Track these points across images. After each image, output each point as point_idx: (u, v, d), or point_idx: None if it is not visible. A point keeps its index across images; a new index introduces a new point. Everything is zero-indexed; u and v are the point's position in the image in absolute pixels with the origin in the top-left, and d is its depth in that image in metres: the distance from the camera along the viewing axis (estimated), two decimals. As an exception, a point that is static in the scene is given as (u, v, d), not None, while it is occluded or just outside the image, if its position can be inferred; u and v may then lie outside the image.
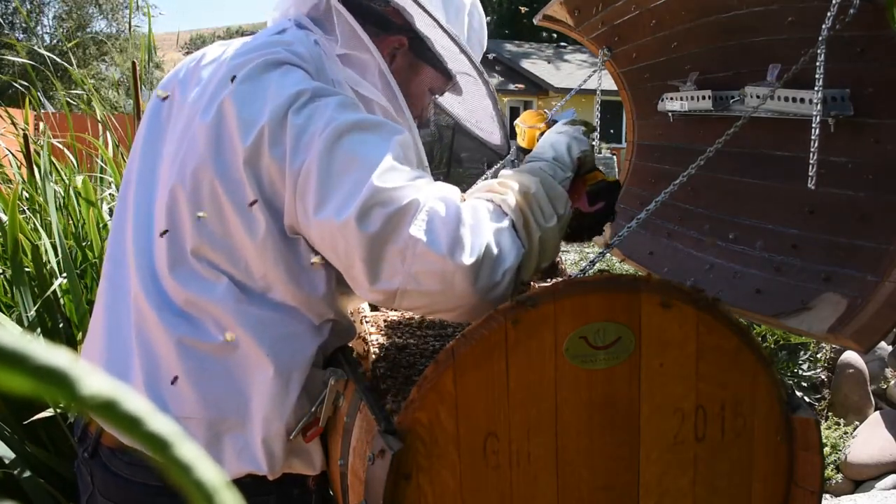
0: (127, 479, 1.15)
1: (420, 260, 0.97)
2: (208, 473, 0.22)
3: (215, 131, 1.07)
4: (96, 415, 0.21)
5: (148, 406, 0.21)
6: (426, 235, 0.96)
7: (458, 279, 0.97)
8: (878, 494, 3.66)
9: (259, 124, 1.04)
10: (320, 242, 1.05)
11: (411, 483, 0.95)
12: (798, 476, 1.08)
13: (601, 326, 0.97)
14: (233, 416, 1.10)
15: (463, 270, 0.96)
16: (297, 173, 1.02)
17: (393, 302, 1.02)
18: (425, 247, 0.96)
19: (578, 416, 0.99)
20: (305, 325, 1.13)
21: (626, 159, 2.18)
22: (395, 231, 0.97)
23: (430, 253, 0.96)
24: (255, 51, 1.14)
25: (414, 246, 0.96)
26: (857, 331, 1.17)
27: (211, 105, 1.10)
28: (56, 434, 2.02)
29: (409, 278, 0.98)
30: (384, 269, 0.99)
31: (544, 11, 1.91)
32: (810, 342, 4.30)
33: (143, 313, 1.12)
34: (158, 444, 0.21)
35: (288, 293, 1.11)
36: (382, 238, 0.97)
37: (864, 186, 1.26)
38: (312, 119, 1.03)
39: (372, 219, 0.97)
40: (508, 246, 1.01)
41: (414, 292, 0.99)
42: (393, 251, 0.98)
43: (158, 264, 1.12)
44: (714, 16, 1.54)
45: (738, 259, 1.56)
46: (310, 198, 1.01)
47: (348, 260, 1.01)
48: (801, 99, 1.32)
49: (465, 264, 0.96)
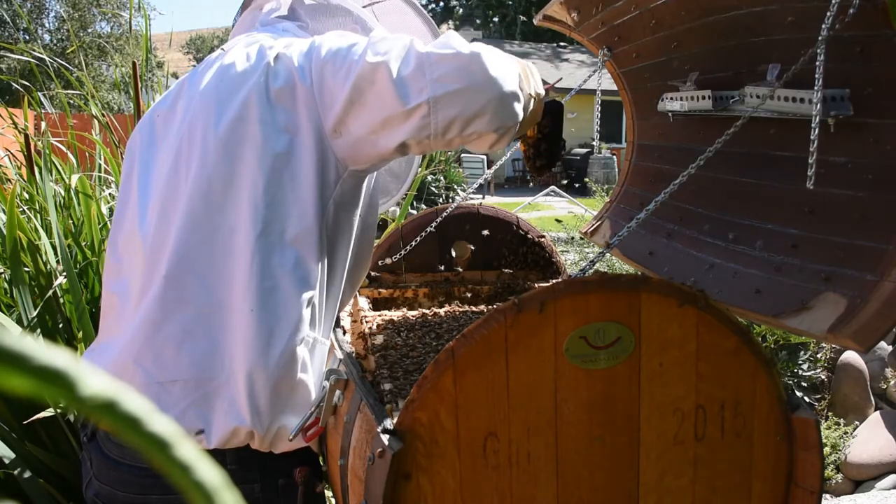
0: (117, 461, 1.17)
1: (437, 66, 1.07)
2: (208, 474, 0.22)
3: (216, 93, 1.18)
4: (96, 415, 0.21)
5: (148, 406, 0.21)
6: (433, 47, 1.08)
7: (475, 66, 1.07)
8: (878, 494, 3.66)
9: (257, 72, 1.16)
10: (354, 115, 1.13)
11: (411, 483, 0.95)
12: (798, 476, 1.08)
13: (601, 326, 0.97)
14: (219, 375, 1.13)
15: (476, 56, 1.07)
16: (310, 84, 1.14)
17: (430, 118, 1.09)
18: (437, 54, 1.07)
19: (578, 416, 0.99)
20: (293, 279, 1.16)
21: (626, 159, 2.18)
22: (405, 54, 1.08)
23: (444, 56, 1.07)
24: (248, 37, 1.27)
25: (427, 58, 1.07)
26: (857, 331, 1.17)
27: (209, 82, 1.21)
28: (56, 434, 2.02)
29: (435, 85, 1.07)
30: (411, 87, 1.07)
31: (544, 11, 1.91)
32: (810, 342, 4.30)
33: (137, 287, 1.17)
34: (158, 445, 0.21)
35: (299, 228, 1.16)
36: (397, 59, 1.08)
37: (864, 186, 1.26)
38: (302, 47, 1.17)
39: (380, 50, 1.09)
40: (494, 52, 1.12)
41: (444, 97, 1.07)
42: (412, 71, 1.07)
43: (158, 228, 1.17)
44: (714, 16, 1.54)
45: (738, 259, 1.56)
46: (330, 85, 1.12)
47: (378, 99, 1.09)
48: (801, 99, 1.32)
49: (474, 51, 1.07)
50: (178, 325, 1.13)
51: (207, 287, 1.13)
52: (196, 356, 1.13)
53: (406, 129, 1.10)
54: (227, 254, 1.13)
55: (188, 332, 1.13)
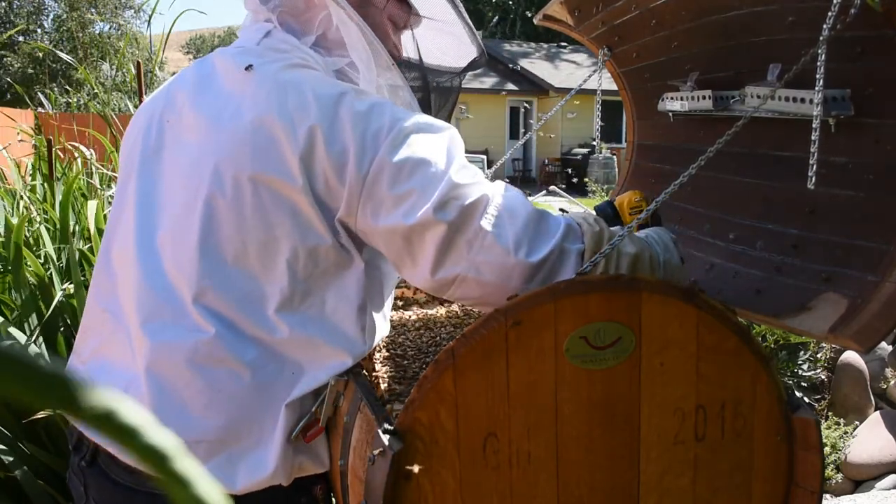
0: (130, 488, 1.11)
1: (486, 251, 1.01)
2: (208, 488, 0.21)
3: (252, 136, 1.05)
4: (93, 425, 0.21)
5: (147, 417, 0.21)
6: (495, 228, 1.01)
7: (515, 274, 1.02)
8: (878, 494, 3.66)
9: (308, 123, 1.03)
10: (387, 237, 1.06)
11: (411, 483, 0.95)
12: (798, 476, 1.08)
13: (601, 326, 0.97)
14: (248, 437, 1.09)
15: (522, 266, 1.01)
16: (365, 173, 1.03)
17: (448, 289, 1.06)
18: (493, 239, 1.01)
19: (578, 416, 0.99)
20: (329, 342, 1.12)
21: (626, 159, 2.18)
22: (467, 222, 1.01)
23: (497, 246, 1.01)
24: (264, 55, 1.13)
25: (483, 237, 1.01)
26: (858, 331, 1.17)
27: (239, 112, 1.08)
28: (56, 434, 2.02)
29: (472, 266, 1.02)
30: (450, 257, 1.03)
31: (544, 11, 1.91)
32: (810, 342, 4.30)
33: (145, 338, 1.09)
34: (156, 457, 0.21)
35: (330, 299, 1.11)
36: (455, 227, 1.01)
37: (864, 186, 1.26)
38: (371, 119, 1.04)
39: (448, 210, 1.01)
40: (569, 266, 1.05)
41: (472, 281, 1.03)
42: (462, 241, 1.02)
43: (181, 277, 1.08)
44: (714, 16, 1.54)
45: (738, 259, 1.56)
46: (381, 198, 1.03)
47: (416, 250, 1.04)
48: (802, 99, 1.32)
49: (526, 261, 1.01)
50: (206, 381, 1.07)
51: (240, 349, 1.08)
52: (224, 417, 1.07)
53: (422, 282, 1.07)
54: (262, 319, 1.08)
55: (217, 389, 1.07)
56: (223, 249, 1.07)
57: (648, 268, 1.12)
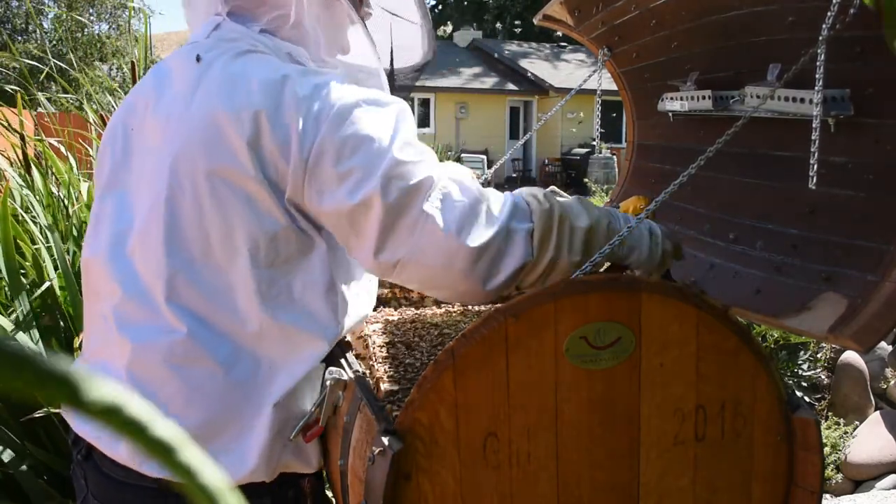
0: (120, 482, 1.13)
1: (428, 235, 1.00)
2: (212, 477, 0.22)
3: (203, 132, 1.06)
4: (99, 420, 0.21)
5: (151, 411, 0.22)
6: (437, 212, 1.00)
7: (459, 258, 1.00)
8: (878, 494, 3.66)
9: (252, 110, 1.03)
10: (333, 219, 1.05)
11: (411, 483, 0.95)
12: (798, 476, 1.08)
13: (601, 326, 0.97)
14: (228, 432, 1.10)
15: (465, 251, 1.00)
16: (307, 155, 1.02)
17: (392, 272, 1.05)
18: (435, 223, 0.99)
19: (578, 416, 0.99)
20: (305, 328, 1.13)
21: (626, 159, 2.18)
22: (409, 205, 1.00)
23: (439, 230, 0.99)
24: (215, 47, 1.13)
25: (425, 221, 1.00)
26: (857, 331, 1.17)
27: (189, 109, 1.08)
28: (56, 434, 2.02)
29: (415, 250, 1.01)
30: (392, 239, 1.01)
31: (544, 11, 1.91)
32: (810, 342, 4.30)
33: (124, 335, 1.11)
34: (162, 449, 0.21)
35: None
36: (397, 210, 1.00)
37: (864, 186, 1.26)
38: (314, 99, 1.02)
39: (391, 190, 0.99)
40: (517, 248, 1.03)
41: (415, 264, 1.02)
42: (404, 224, 1.00)
43: (151, 278, 1.10)
44: (714, 16, 1.54)
45: (738, 259, 1.56)
46: (325, 178, 1.02)
47: (360, 230, 1.03)
48: (801, 99, 1.32)
49: (469, 245, 0.99)
50: (183, 380, 1.09)
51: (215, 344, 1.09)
52: (203, 415, 1.09)
53: (366, 264, 1.07)
54: (233, 312, 1.09)
55: (194, 388, 1.09)
56: (189, 247, 1.08)
57: (605, 238, 1.09)
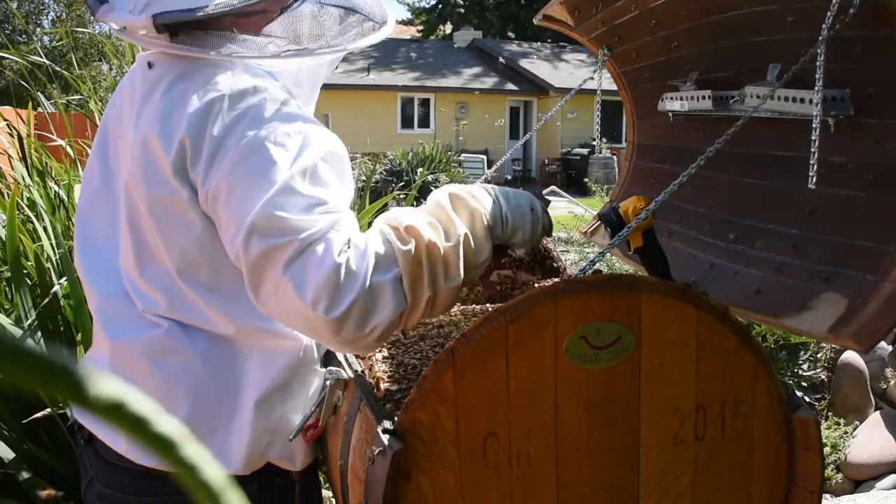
0: (116, 465, 1.17)
1: (289, 301, 0.96)
2: (214, 473, 0.22)
3: (142, 155, 1.07)
4: (102, 416, 0.21)
5: (154, 407, 0.22)
6: (295, 280, 0.94)
7: (320, 326, 0.95)
8: (878, 494, 3.66)
9: (178, 137, 1.03)
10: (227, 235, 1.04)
11: (411, 483, 0.95)
12: (798, 476, 1.08)
13: (601, 326, 0.98)
14: (206, 423, 1.13)
15: (324, 322, 0.94)
16: (206, 191, 1.02)
17: (274, 319, 1.06)
18: (293, 291, 0.95)
19: (578, 415, 0.99)
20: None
21: (626, 159, 2.18)
22: (269, 266, 0.96)
23: (296, 299, 0.94)
24: (166, 60, 1.11)
25: (285, 286, 0.95)
26: (857, 331, 1.17)
27: (136, 127, 1.10)
28: (56, 434, 2.02)
29: (280, 312, 1.00)
30: (262, 293, 0.99)
31: (544, 11, 1.91)
32: (810, 342, 4.30)
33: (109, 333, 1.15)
34: (165, 445, 0.22)
35: None
36: (259, 269, 0.97)
37: (864, 186, 1.26)
38: (227, 135, 1.01)
39: (251, 248, 0.96)
40: (386, 301, 0.96)
41: (284, 320, 1.02)
42: (269, 283, 0.97)
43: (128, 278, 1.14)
44: (714, 16, 1.54)
45: (738, 259, 1.56)
46: (218, 216, 1.02)
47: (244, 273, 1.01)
48: (801, 99, 1.32)
49: (325, 318, 0.94)
50: (163, 374, 1.12)
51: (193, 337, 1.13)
52: (185, 407, 1.12)
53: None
54: (206, 321, 1.12)
55: (175, 381, 1.12)
56: (156, 257, 1.12)
57: (484, 238, 1.04)
